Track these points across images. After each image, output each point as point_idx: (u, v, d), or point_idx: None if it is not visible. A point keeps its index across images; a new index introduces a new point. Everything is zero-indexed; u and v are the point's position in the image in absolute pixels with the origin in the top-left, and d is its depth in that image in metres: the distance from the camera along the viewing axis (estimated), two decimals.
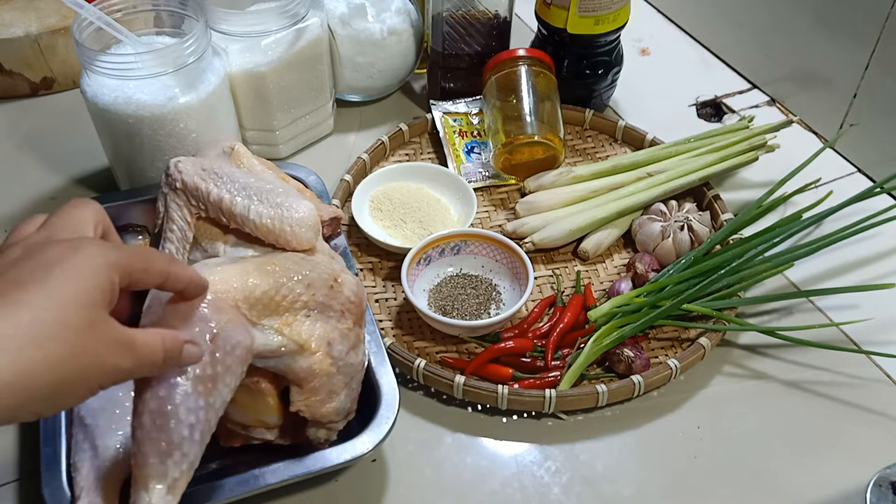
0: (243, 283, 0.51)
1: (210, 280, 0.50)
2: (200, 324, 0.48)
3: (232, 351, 0.49)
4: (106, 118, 0.75)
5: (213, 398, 0.48)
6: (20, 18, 0.95)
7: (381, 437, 0.58)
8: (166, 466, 0.46)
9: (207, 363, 0.47)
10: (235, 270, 0.52)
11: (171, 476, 0.46)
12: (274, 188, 0.60)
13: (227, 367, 0.48)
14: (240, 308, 0.51)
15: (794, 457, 0.65)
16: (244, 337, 0.50)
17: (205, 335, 0.48)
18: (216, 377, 0.48)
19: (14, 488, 0.62)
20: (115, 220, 0.74)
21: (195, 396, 0.47)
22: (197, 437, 0.47)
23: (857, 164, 0.92)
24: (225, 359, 0.48)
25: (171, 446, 0.46)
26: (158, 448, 0.46)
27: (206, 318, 0.48)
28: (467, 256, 0.78)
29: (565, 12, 0.86)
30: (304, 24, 0.83)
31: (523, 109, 0.86)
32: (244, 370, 0.50)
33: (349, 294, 0.56)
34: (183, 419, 0.46)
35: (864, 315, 0.75)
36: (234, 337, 0.49)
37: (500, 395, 0.66)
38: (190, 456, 0.47)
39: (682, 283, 0.73)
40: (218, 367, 0.48)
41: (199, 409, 0.47)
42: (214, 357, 0.48)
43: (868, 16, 0.84)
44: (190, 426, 0.47)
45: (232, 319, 0.49)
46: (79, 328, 0.39)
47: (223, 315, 0.49)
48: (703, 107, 1.02)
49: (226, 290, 0.50)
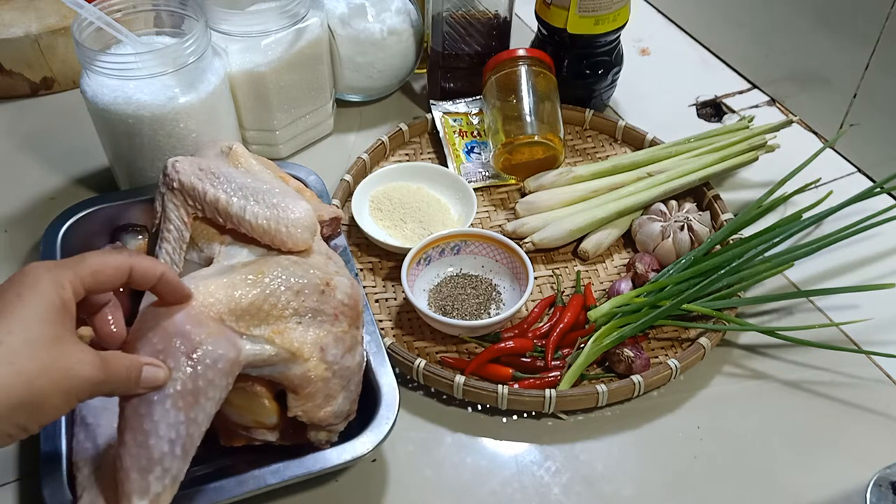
0: (228, 295, 0.51)
1: (193, 293, 0.50)
2: (179, 338, 0.48)
3: (213, 364, 0.49)
4: (106, 118, 0.75)
5: (195, 412, 0.48)
6: (20, 18, 0.95)
7: (381, 437, 0.58)
8: (147, 482, 0.47)
9: (188, 378, 0.48)
10: (220, 283, 0.52)
11: (153, 491, 0.47)
12: (270, 188, 0.60)
13: (209, 380, 0.48)
14: (224, 321, 0.51)
15: (794, 457, 0.65)
16: (227, 349, 0.50)
17: (184, 350, 0.48)
18: (197, 391, 0.48)
19: (14, 488, 0.62)
20: (115, 220, 0.75)
21: (175, 412, 0.47)
22: (178, 451, 0.47)
23: (857, 164, 0.92)
24: (206, 372, 0.48)
25: (152, 462, 0.47)
26: (139, 464, 0.47)
27: (185, 333, 0.48)
28: (467, 256, 0.78)
29: (565, 12, 0.86)
30: (304, 24, 0.83)
31: (523, 109, 0.86)
32: (230, 382, 0.50)
33: (342, 297, 0.56)
34: (163, 435, 0.47)
35: (864, 315, 0.75)
36: (215, 350, 0.49)
37: (500, 395, 0.66)
38: (172, 470, 0.47)
39: (682, 283, 0.73)
40: (199, 381, 0.48)
41: (179, 425, 0.47)
42: (196, 371, 0.48)
43: (868, 16, 0.84)
44: (170, 441, 0.47)
45: (213, 332, 0.49)
46: (45, 344, 0.42)
47: (203, 329, 0.49)
48: (703, 107, 1.02)
49: (208, 304, 0.50)
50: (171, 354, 0.48)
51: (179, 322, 0.48)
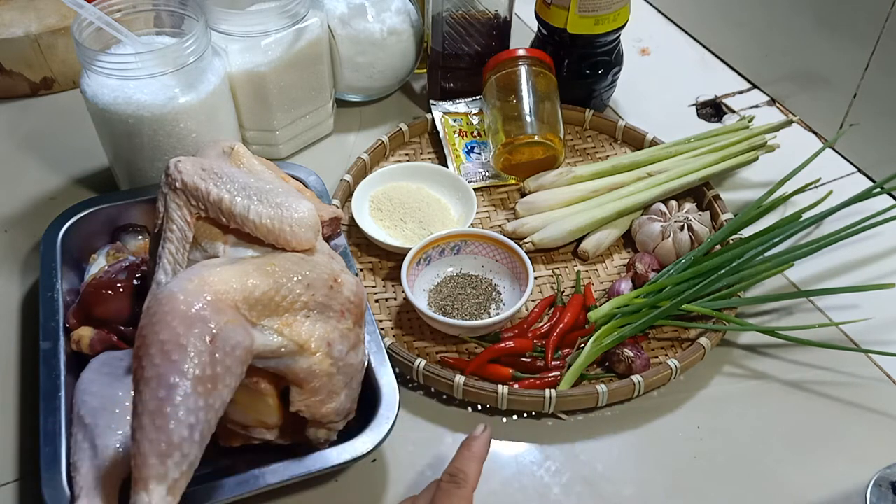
0: (243, 284, 0.51)
1: (210, 281, 0.50)
2: (200, 325, 0.48)
3: (232, 352, 0.49)
4: (106, 118, 0.75)
5: (213, 399, 0.48)
6: (20, 18, 0.95)
7: (381, 437, 0.58)
8: (166, 467, 0.46)
9: (207, 364, 0.47)
10: (235, 271, 0.52)
11: (171, 477, 0.46)
12: (274, 188, 0.60)
13: (226, 367, 0.48)
14: (239, 309, 0.51)
15: (794, 457, 0.65)
16: (244, 338, 0.50)
17: (204, 336, 0.48)
18: (216, 378, 0.48)
19: (14, 488, 0.62)
20: (115, 221, 0.75)
21: (195, 397, 0.47)
22: (197, 437, 0.47)
23: (857, 164, 0.92)
24: (225, 359, 0.48)
25: (171, 447, 0.46)
26: (158, 449, 0.46)
27: (205, 319, 0.48)
28: (467, 256, 0.78)
29: (565, 12, 0.86)
30: (304, 24, 0.83)
31: (523, 109, 0.86)
32: (244, 371, 0.50)
33: (349, 294, 0.56)
34: (182, 420, 0.46)
35: (864, 315, 0.75)
36: (233, 338, 0.49)
37: (500, 396, 0.66)
38: (190, 456, 0.47)
39: (681, 284, 0.73)
40: (218, 367, 0.48)
41: (198, 410, 0.47)
42: (214, 358, 0.48)
43: (868, 16, 0.84)
44: (190, 427, 0.46)
45: (231, 320, 0.49)
46: None
47: (223, 316, 0.49)
48: (703, 107, 1.02)
49: (225, 291, 0.50)
50: (191, 339, 0.47)
51: (199, 308, 0.48)
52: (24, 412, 0.67)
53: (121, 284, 0.66)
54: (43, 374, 0.61)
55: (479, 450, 0.54)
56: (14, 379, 0.69)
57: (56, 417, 0.58)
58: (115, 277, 0.67)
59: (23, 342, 0.72)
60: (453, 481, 0.53)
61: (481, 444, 0.55)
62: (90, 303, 0.66)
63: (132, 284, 0.67)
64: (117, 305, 0.66)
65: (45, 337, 0.64)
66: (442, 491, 0.52)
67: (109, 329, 0.65)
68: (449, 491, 0.52)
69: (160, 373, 0.46)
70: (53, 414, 0.59)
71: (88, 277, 0.71)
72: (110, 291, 0.66)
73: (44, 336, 0.64)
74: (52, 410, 0.59)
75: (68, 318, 0.66)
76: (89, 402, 0.58)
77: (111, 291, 0.66)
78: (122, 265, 0.68)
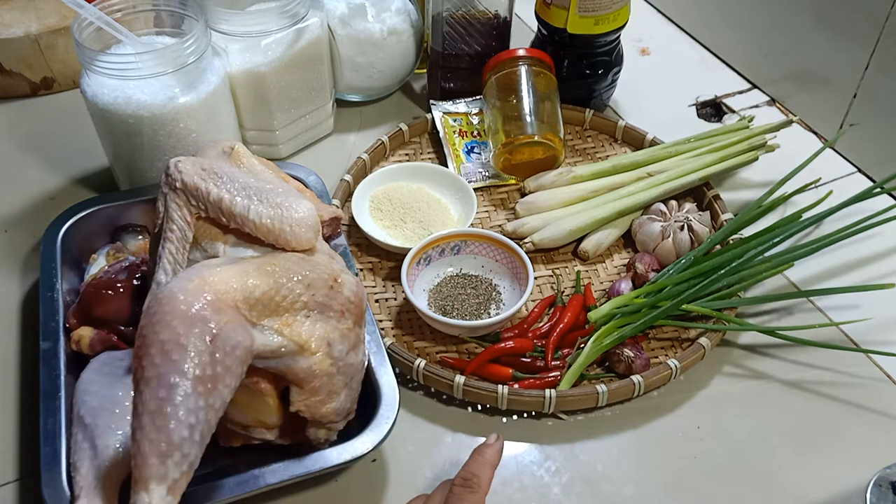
0: (243, 284, 0.51)
1: (210, 280, 0.50)
2: (200, 324, 0.48)
3: (232, 352, 0.49)
4: (106, 118, 0.75)
5: (213, 399, 0.48)
6: (20, 18, 0.95)
7: (381, 437, 0.58)
8: (166, 467, 0.46)
9: (207, 363, 0.47)
10: (235, 271, 0.52)
11: (171, 477, 0.46)
12: (274, 188, 0.60)
13: (227, 367, 0.48)
14: (240, 309, 0.51)
15: (794, 457, 0.65)
16: (244, 338, 0.50)
17: (204, 336, 0.48)
18: (216, 378, 0.48)
19: (14, 488, 0.62)
20: (115, 220, 0.75)
21: (195, 397, 0.47)
22: (197, 437, 0.47)
23: (857, 164, 0.92)
24: (225, 359, 0.48)
25: (171, 447, 0.46)
26: (158, 449, 0.46)
27: (205, 319, 0.48)
28: (467, 256, 0.78)
29: (565, 12, 0.86)
30: (304, 24, 0.83)
31: (523, 109, 0.86)
32: (244, 371, 0.50)
33: (349, 294, 0.56)
34: (183, 420, 0.46)
35: (864, 315, 0.75)
36: (233, 338, 0.49)
37: (500, 395, 0.66)
38: (190, 456, 0.47)
39: (681, 284, 0.73)
40: (218, 367, 0.48)
41: (199, 410, 0.47)
42: (214, 357, 0.48)
43: (868, 16, 0.84)
44: (190, 426, 0.46)
45: (232, 320, 0.49)
46: None
47: (223, 316, 0.49)
48: (703, 107, 1.02)
49: (226, 291, 0.50)
50: (191, 339, 0.47)
51: (199, 308, 0.48)
52: (24, 412, 0.67)
53: (121, 284, 0.66)
54: (43, 374, 0.61)
55: (493, 457, 0.55)
56: (14, 379, 0.69)
57: (56, 417, 0.58)
58: (115, 277, 0.67)
59: (23, 342, 0.72)
60: (466, 485, 0.53)
61: (494, 451, 0.55)
62: (90, 303, 0.66)
63: (132, 284, 0.67)
64: (117, 305, 0.66)
65: (45, 337, 0.64)
66: (455, 495, 0.52)
67: (109, 329, 0.65)
68: (462, 495, 0.52)
69: (160, 373, 0.46)
70: (53, 414, 0.59)
71: (88, 277, 0.71)
72: (110, 291, 0.66)
73: (44, 336, 0.64)
74: (52, 410, 0.59)
75: (68, 318, 0.66)
76: (89, 402, 0.58)
77: (111, 291, 0.66)
78: (122, 265, 0.68)
